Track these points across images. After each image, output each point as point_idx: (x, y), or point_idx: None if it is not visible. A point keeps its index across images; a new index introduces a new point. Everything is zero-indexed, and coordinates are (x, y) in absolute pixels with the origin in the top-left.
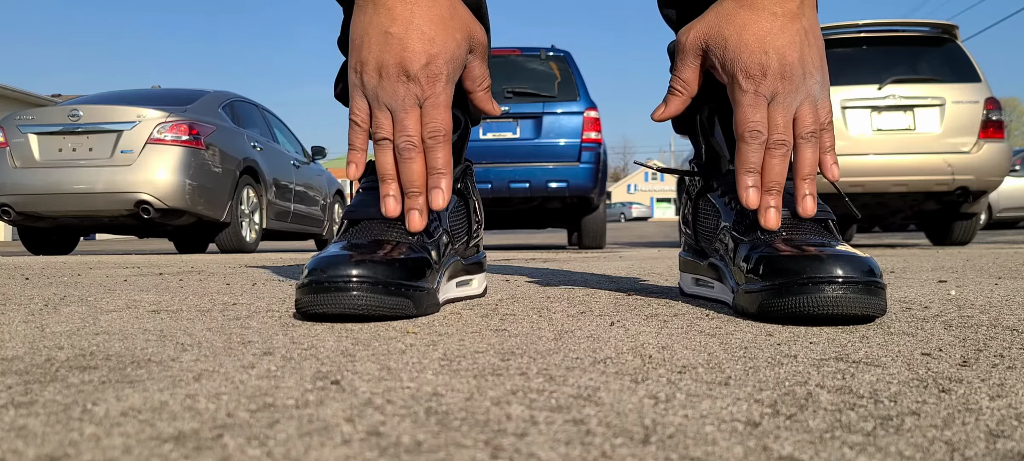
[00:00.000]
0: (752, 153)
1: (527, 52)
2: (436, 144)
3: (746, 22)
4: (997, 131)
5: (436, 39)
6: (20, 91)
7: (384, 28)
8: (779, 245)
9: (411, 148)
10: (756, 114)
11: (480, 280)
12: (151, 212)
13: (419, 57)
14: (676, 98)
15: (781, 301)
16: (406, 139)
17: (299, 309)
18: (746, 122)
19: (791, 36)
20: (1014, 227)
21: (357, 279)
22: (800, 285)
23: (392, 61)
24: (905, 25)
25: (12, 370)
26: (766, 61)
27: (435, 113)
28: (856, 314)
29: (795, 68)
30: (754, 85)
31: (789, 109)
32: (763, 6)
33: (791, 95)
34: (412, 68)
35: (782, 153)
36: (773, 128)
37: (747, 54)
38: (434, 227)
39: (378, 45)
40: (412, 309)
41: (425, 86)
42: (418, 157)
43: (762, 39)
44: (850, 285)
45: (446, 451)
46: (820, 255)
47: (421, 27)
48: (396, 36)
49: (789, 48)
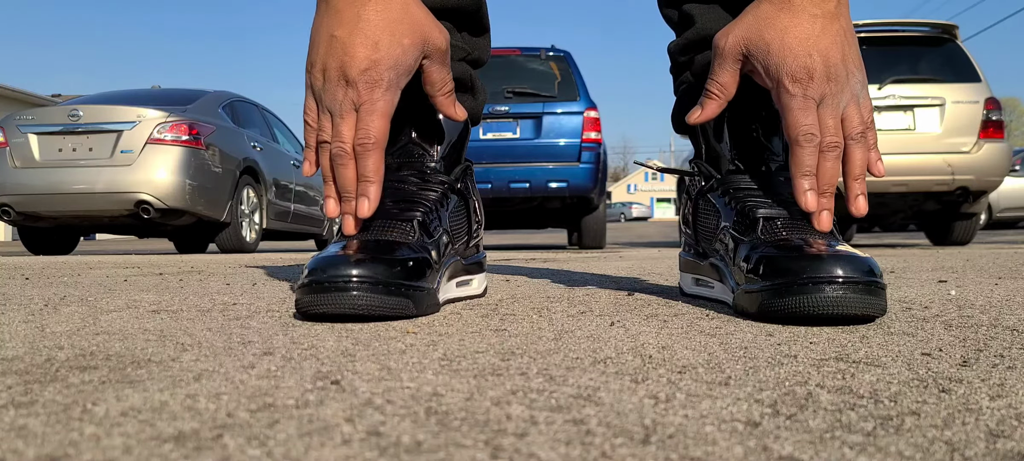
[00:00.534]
0: (808, 156)
1: (527, 52)
2: (365, 151)
3: (787, 25)
4: (997, 131)
5: (380, 44)
6: (20, 91)
7: (331, 30)
8: (779, 245)
9: (341, 154)
10: (808, 117)
11: (480, 280)
12: (151, 212)
13: (359, 62)
14: (713, 101)
15: (781, 301)
16: (338, 146)
17: (299, 309)
18: (798, 126)
19: (833, 37)
20: (1014, 227)
21: (357, 279)
22: (800, 285)
23: (334, 64)
24: (905, 25)
25: (12, 370)
26: (811, 64)
27: (368, 120)
28: (856, 314)
29: (839, 68)
30: (802, 89)
31: (838, 110)
32: (802, 8)
33: (838, 96)
34: (351, 73)
35: (835, 155)
36: (825, 130)
37: (792, 58)
38: (434, 227)
39: (324, 47)
40: (412, 309)
41: (362, 91)
42: (349, 163)
43: (805, 42)
44: (850, 285)
45: (446, 451)
46: (820, 255)
47: (366, 31)
48: (340, 39)
49: (832, 49)
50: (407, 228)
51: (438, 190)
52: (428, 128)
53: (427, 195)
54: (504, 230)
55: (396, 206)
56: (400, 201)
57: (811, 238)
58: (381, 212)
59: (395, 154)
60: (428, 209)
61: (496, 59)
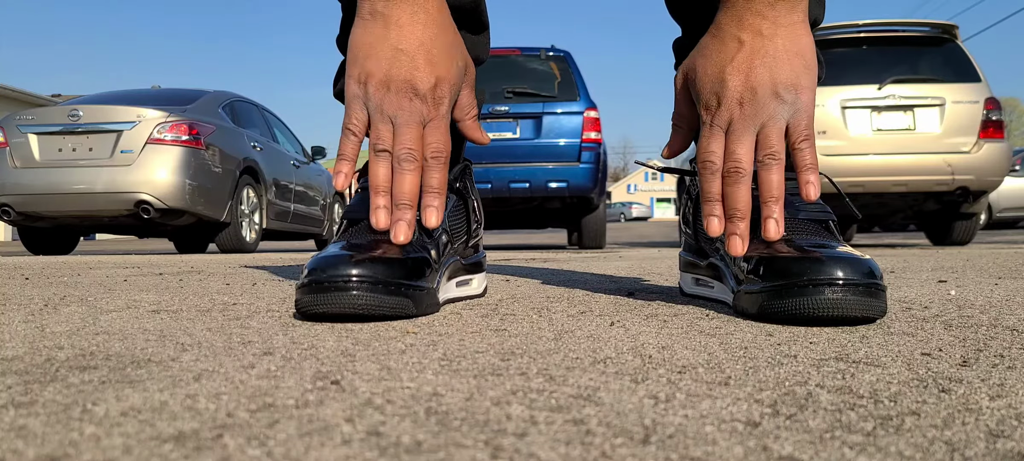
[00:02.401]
0: (707, 184)
1: (527, 52)
2: (437, 164)
3: (711, 53)
4: (997, 131)
5: (441, 63)
6: (20, 91)
7: (395, 43)
8: (779, 246)
9: (410, 159)
10: (711, 144)
11: (480, 280)
12: (151, 212)
13: (428, 77)
14: (677, 134)
15: (781, 302)
16: (407, 150)
17: (299, 309)
18: (700, 153)
19: (753, 61)
20: (1014, 227)
21: (357, 279)
22: (800, 287)
23: (401, 77)
24: (905, 25)
25: (12, 370)
26: (721, 90)
27: (438, 134)
28: (856, 316)
29: (756, 92)
30: (710, 116)
31: (747, 135)
32: (729, 34)
33: (748, 120)
34: (421, 87)
35: (735, 180)
36: (729, 156)
37: (705, 84)
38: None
39: (387, 60)
40: (412, 309)
41: (432, 106)
42: (416, 170)
43: (721, 68)
44: (850, 287)
45: (446, 451)
46: (820, 257)
47: (430, 50)
48: (407, 53)
49: (749, 74)
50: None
51: None
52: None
53: None
54: (504, 230)
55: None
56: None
57: (811, 239)
58: None
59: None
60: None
61: (496, 59)
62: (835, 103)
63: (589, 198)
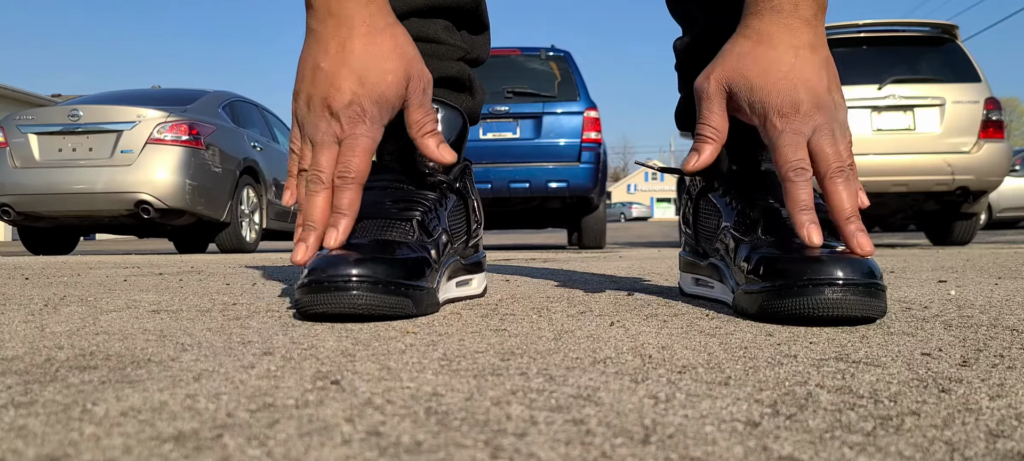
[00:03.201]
0: (802, 191)
1: (527, 52)
2: (344, 184)
3: (770, 61)
4: (997, 131)
5: (366, 78)
6: (20, 91)
7: (316, 61)
8: (779, 246)
9: (317, 182)
10: (797, 152)
11: (480, 280)
12: (151, 212)
13: (343, 95)
14: (708, 145)
15: (781, 302)
16: (315, 173)
17: (299, 309)
18: (788, 162)
19: (815, 68)
20: (1014, 227)
21: (357, 278)
22: (800, 287)
23: (318, 95)
24: (905, 25)
25: (12, 370)
26: (797, 97)
27: (350, 155)
28: (856, 316)
29: (826, 98)
30: (788, 123)
31: (833, 136)
32: (781, 41)
33: (830, 124)
34: (335, 105)
35: (843, 179)
36: (825, 159)
37: (776, 92)
38: (433, 226)
39: (310, 78)
40: (412, 308)
41: (345, 126)
42: (324, 193)
43: (789, 75)
44: (850, 287)
45: (446, 451)
46: (820, 257)
47: (351, 64)
48: (324, 71)
49: (817, 80)
50: (407, 227)
51: (437, 190)
52: None
53: (426, 195)
54: (504, 230)
55: (395, 206)
56: (399, 200)
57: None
58: (381, 212)
59: (394, 155)
60: (427, 209)
61: (496, 59)
62: None
63: (589, 198)
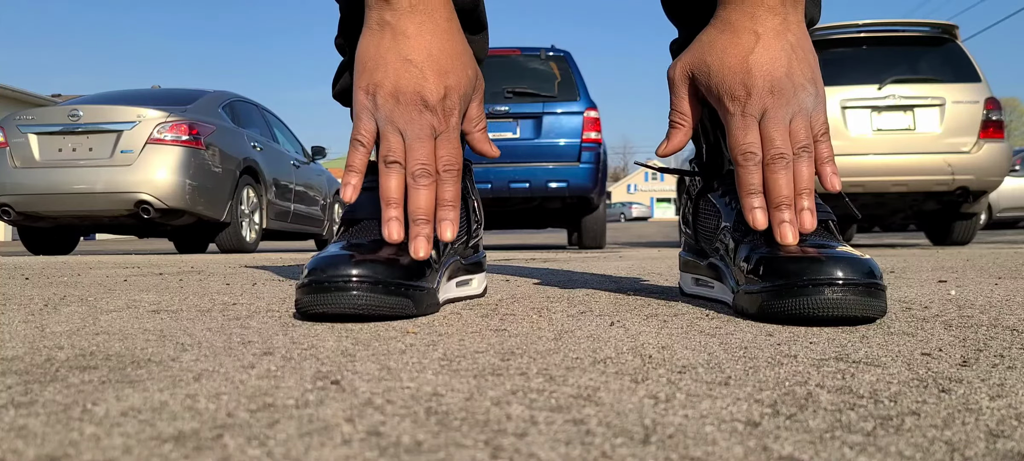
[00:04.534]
0: (750, 175)
1: (527, 52)
2: (449, 177)
3: (726, 45)
4: (997, 131)
5: (451, 73)
6: (20, 91)
7: (404, 54)
8: (779, 246)
9: (425, 175)
10: (747, 135)
11: (480, 280)
12: (151, 212)
13: (438, 89)
14: (677, 131)
15: (781, 303)
16: (421, 166)
17: (299, 309)
18: (738, 145)
19: (775, 52)
20: (1014, 227)
21: (357, 279)
22: (800, 287)
23: (410, 88)
24: (905, 25)
25: (12, 370)
26: (749, 80)
27: (449, 146)
28: (856, 316)
29: (783, 82)
30: (740, 106)
31: (782, 123)
32: (743, 27)
33: (782, 109)
34: (431, 99)
35: (782, 166)
36: (769, 144)
37: (730, 76)
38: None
39: (395, 71)
40: (412, 309)
41: (442, 119)
42: (432, 185)
43: (743, 59)
44: (850, 287)
45: (446, 451)
46: (820, 257)
47: (439, 60)
48: (416, 64)
49: (774, 64)
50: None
51: None
52: None
53: None
54: (504, 230)
55: None
56: None
57: (812, 239)
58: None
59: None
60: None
61: (496, 59)
62: (835, 103)
63: (589, 198)
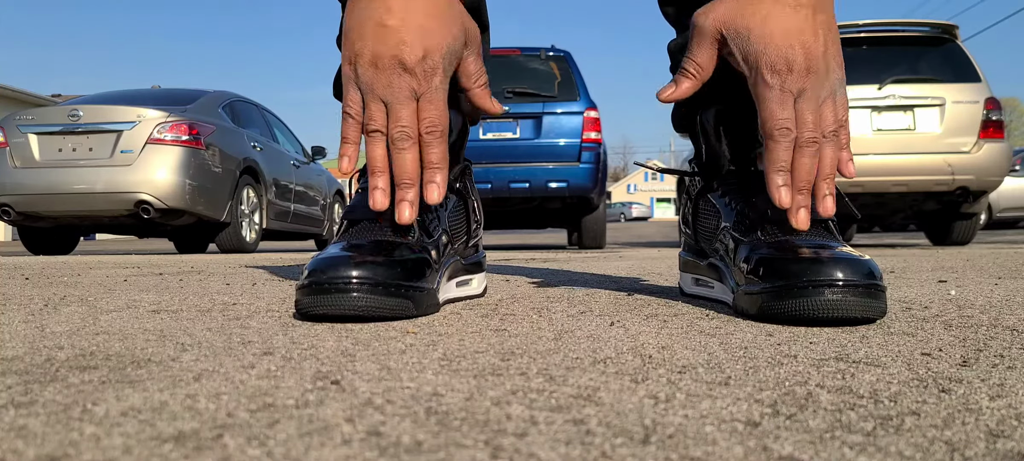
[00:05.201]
0: (783, 151)
1: (527, 52)
2: (433, 139)
3: (769, 12)
4: (997, 131)
5: (432, 32)
6: (20, 91)
7: (379, 20)
8: (779, 247)
9: (405, 138)
10: (784, 111)
11: (480, 280)
12: (151, 212)
13: (415, 50)
14: (688, 80)
15: (781, 304)
16: (400, 129)
17: (299, 310)
18: (774, 119)
19: (815, 29)
20: (1014, 227)
21: (357, 280)
22: (800, 288)
23: (387, 53)
24: (905, 25)
25: (12, 370)
26: (792, 55)
27: (432, 108)
28: (856, 317)
29: (820, 62)
30: (780, 80)
31: (817, 105)
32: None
33: (818, 90)
34: (409, 61)
35: (812, 151)
36: (803, 125)
37: (772, 47)
38: (434, 227)
39: (373, 37)
40: (412, 309)
41: (422, 80)
42: (413, 148)
43: (787, 31)
44: (850, 288)
45: (446, 451)
46: (820, 257)
47: (417, 20)
48: (392, 28)
49: (814, 41)
50: (406, 229)
51: None
52: None
53: None
54: (504, 230)
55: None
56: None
57: (811, 240)
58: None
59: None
60: (428, 209)
61: (496, 59)
62: None
63: (589, 198)
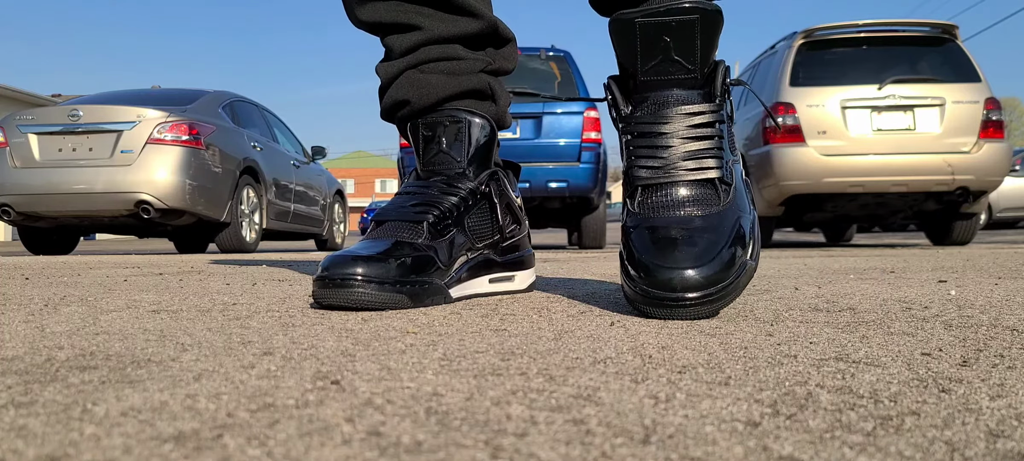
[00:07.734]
0: None
1: (527, 52)
2: None
3: None
4: (997, 131)
5: None
6: (20, 91)
7: None
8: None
9: None
10: None
11: (524, 277)
12: (151, 212)
13: None
14: None
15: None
16: None
17: (314, 299)
18: None
19: None
20: (1014, 227)
21: (362, 277)
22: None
23: None
24: (905, 25)
25: (12, 370)
26: None
27: None
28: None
29: None
30: None
31: None
32: None
33: None
34: None
35: None
36: None
37: None
38: (445, 228)
39: None
40: (408, 302)
41: None
42: None
43: None
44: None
45: (446, 451)
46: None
47: None
48: None
49: None
50: (417, 229)
51: (459, 194)
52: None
53: (447, 199)
54: None
55: (414, 209)
56: (420, 204)
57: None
58: (401, 214)
59: (427, 163)
60: (443, 213)
61: None
62: (835, 103)
63: (589, 198)
